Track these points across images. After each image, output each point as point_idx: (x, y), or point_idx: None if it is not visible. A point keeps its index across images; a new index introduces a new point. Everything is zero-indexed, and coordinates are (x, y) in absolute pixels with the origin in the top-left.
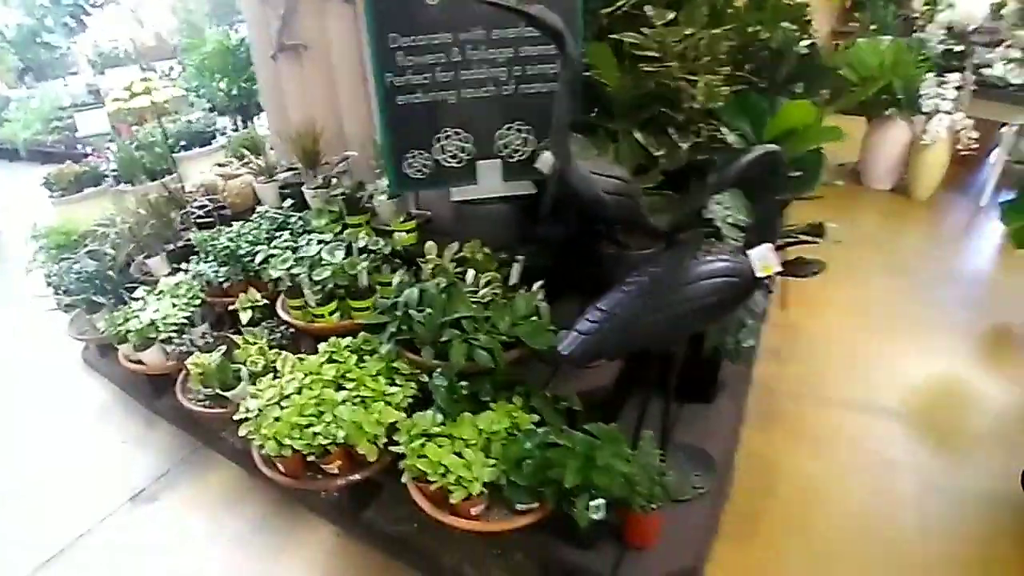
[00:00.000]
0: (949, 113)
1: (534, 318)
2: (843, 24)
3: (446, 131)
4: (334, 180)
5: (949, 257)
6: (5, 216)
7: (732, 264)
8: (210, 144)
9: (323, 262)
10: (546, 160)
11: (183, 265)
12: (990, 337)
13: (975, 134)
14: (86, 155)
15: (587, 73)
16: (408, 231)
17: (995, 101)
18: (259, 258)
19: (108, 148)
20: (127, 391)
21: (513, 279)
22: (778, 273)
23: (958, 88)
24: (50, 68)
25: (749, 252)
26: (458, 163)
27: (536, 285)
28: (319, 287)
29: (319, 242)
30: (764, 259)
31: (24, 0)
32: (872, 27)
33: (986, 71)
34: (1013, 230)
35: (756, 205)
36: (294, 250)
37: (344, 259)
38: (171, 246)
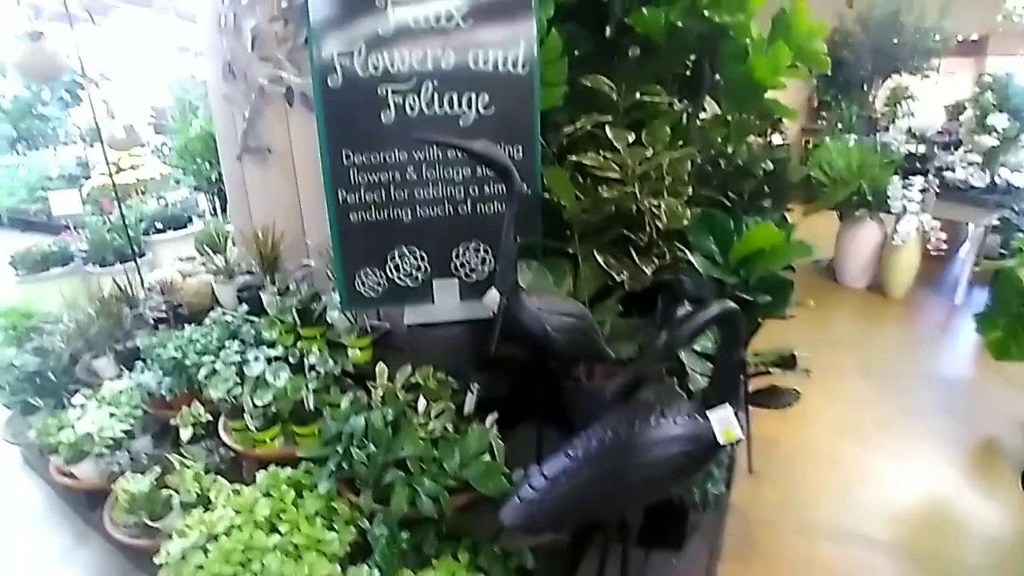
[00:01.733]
0: (916, 214)
1: (486, 457)
2: (812, 122)
3: (400, 249)
4: (291, 287)
5: (927, 359)
6: None
7: (690, 430)
8: (185, 227)
9: (266, 384)
10: (492, 297)
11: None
12: (977, 452)
13: (943, 234)
14: (66, 227)
15: (545, 195)
16: (362, 348)
17: (959, 203)
18: (203, 372)
19: (79, 228)
20: (63, 499)
21: (467, 409)
22: (742, 422)
23: (923, 190)
24: (43, 138)
25: (709, 414)
26: (413, 282)
27: (490, 419)
28: (260, 411)
29: (267, 359)
30: (725, 423)
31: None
32: (838, 126)
33: (948, 174)
34: (990, 341)
35: (716, 362)
36: (241, 364)
37: (288, 381)
38: (120, 346)
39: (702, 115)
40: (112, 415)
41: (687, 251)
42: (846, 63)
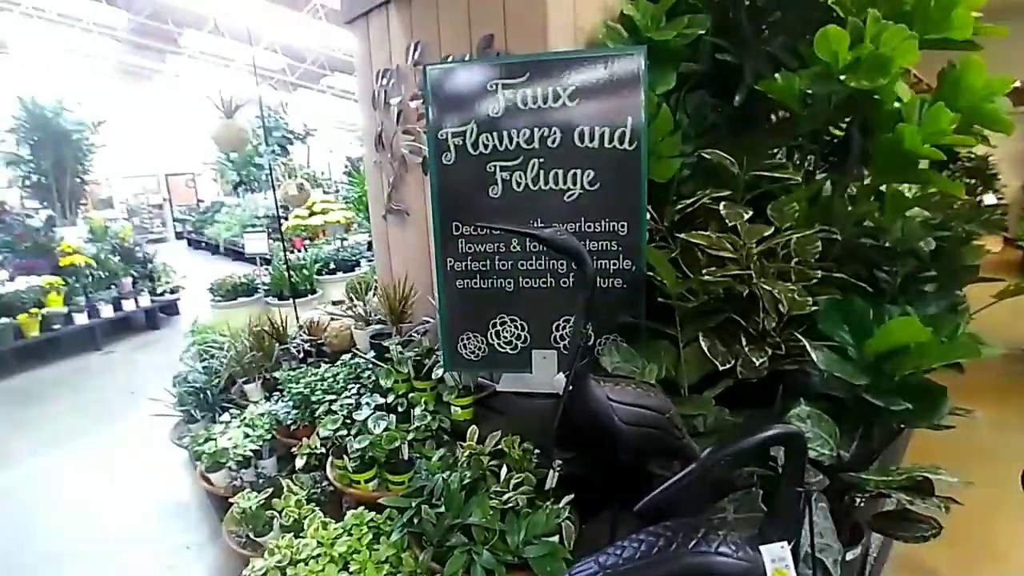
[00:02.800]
0: None
1: (553, 538)
2: None
3: (502, 317)
4: (413, 340)
5: None
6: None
7: (734, 564)
8: (353, 271)
9: (366, 429)
10: (558, 379)
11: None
12: None
13: None
14: (268, 260)
15: (649, 274)
16: (463, 406)
17: None
18: (321, 409)
19: (266, 266)
20: (209, 500)
21: (548, 484)
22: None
23: None
24: (257, 183)
25: (762, 548)
26: (513, 350)
27: (566, 499)
28: (358, 454)
29: (376, 407)
30: (779, 562)
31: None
32: None
33: None
34: None
35: (778, 491)
36: (353, 408)
37: (385, 430)
38: (268, 376)
39: (851, 189)
40: (247, 435)
41: (806, 344)
42: None
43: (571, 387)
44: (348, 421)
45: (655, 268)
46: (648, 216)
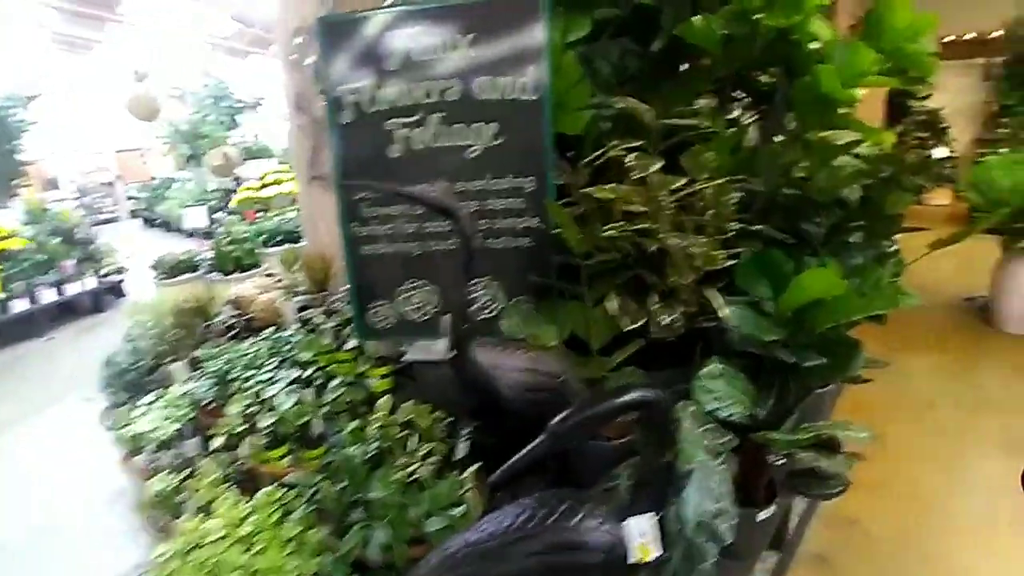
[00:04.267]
0: None
1: (457, 510)
2: (990, 131)
3: (412, 282)
4: (337, 310)
5: None
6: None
7: (601, 535)
8: (299, 242)
9: (274, 406)
10: (439, 347)
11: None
12: None
13: None
14: (209, 235)
15: (556, 231)
16: (382, 376)
17: None
18: (234, 387)
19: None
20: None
21: (458, 454)
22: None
23: None
24: (227, 146)
25: (626, 524)
26: (424, 316)
27: (469, 470)
28: (268, 430)
29: (291, 381)
30: (644, 536)
31: (194, 99)
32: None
33: None
34: None
35: (640, 461)
36: (270, 382)
37: (294, 406)
38: (195, 353)
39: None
40: (167, 417)
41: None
42: None
43: (454, 353)
44: (260, 398)
45: (558, 226)
46: (565, 171)
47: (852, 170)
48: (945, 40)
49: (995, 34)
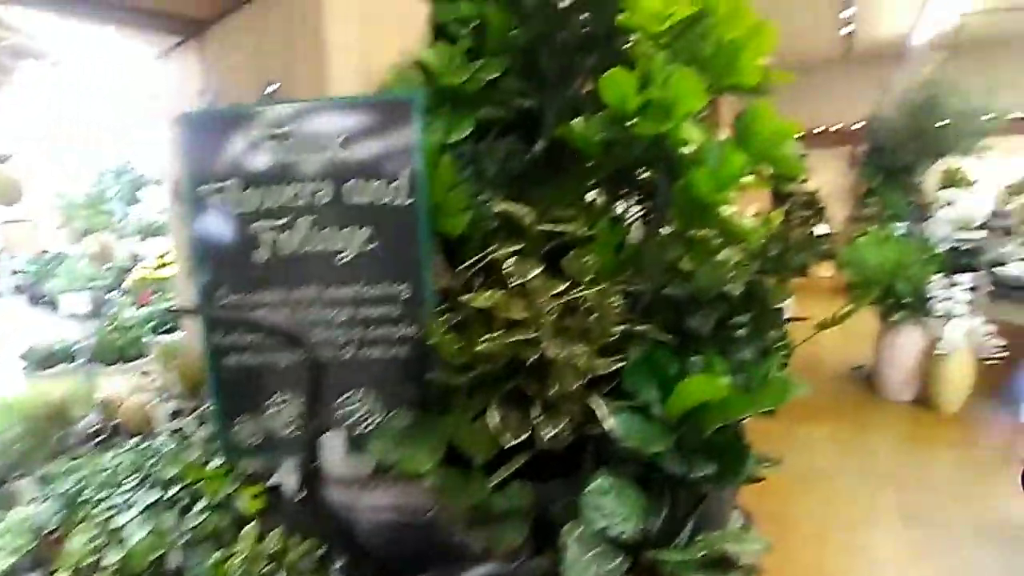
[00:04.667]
0: (965, 317)
1: None
2: (859, 210)
3: (279, 397)
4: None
5: (987, 498)
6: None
7: None
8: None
9: (122, 539)
10: (288, 476)
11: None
12: None
13: (1000, 340)
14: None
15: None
16: (255, 496)
17: (1018, 303)
18: (80, 515)
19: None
20: None
21: None
22: None
23: (972, 289)
24: (106, 231)
25: None
26: (293, 433)
27: None
28: (115, 568)
29: (149, 504)
30: None
31: (94, 171)
32: (888, 214)
33: (1001, 270)
34: None
35: None
36: (125, 507)
37: (147, 537)
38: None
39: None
40: (2, 548)
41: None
42: (886, 148)
43: (304, 492)
44: (110, 527)
45: (431, 336)
46: (446, 275)
47: (734, 264)
48: (816, 131)
49: (857, 125)
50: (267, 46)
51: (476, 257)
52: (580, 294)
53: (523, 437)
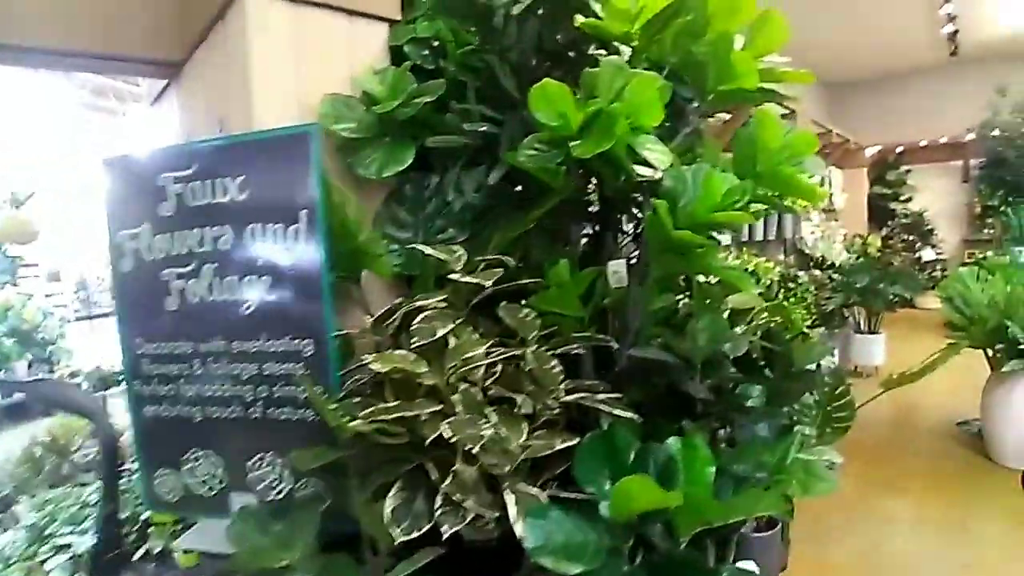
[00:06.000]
0: None
1: None
2: (975, 232)
3: (195, 451)
4: None
5: None
6: None
7: None
8: None
9: None
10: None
11: None
12: None
13: None
14: None
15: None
16: (187, 551)
17: None
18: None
19: None
20: None
21: None
22: None
23: None
24: None
25: None
26: (210, 491)
27: None
28: None
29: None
30: None
31: None
32: (1009, 236)
33: None
34: None
35: None
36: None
37: None
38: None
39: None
40: None
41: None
42: (1007, 160)
43: None
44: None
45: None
46: (366, 330)
47: (745, 313)
48: (922, 144)
49: (968, 137)
50: (213, 85)
51: (384, 310)
52: (502, 356)
53: (419, 531)
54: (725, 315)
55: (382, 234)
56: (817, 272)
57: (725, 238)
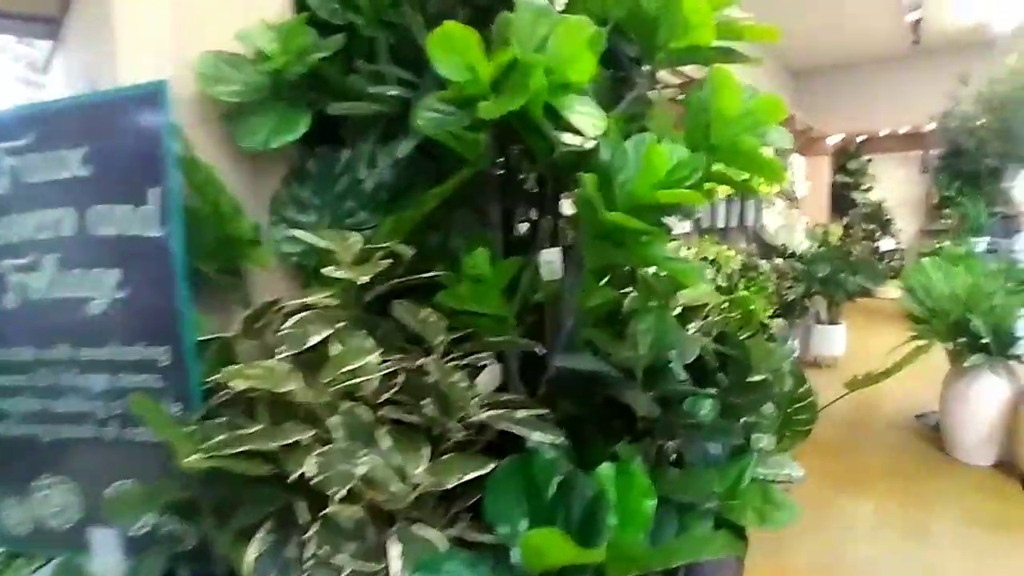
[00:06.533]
0: None
1: None
2: (932, 222)
3: (47, 478)
4: None
5: None
6: None
7: None
8: None
9: None
10: None
11: None
12: None
13: None
14: None
15: None
16: None
17: None
18: None
19: None
20: None
21: None
22: None
23: None
24: None
25: None
26: (66, 524)
27: None
28: None
29: None
30: None
31: None
32: (966, 227)
33: None
34: None
35: None
36: None
37: None
38: None
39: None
40: None
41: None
42: (965, 151)
43: None
44: None
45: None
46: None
47: (700, 312)
48: (883, 134)
49: (928, 127)
50: (86, 44)
51: (251, 310)
52: (391, 369)
53: None
54: (677, 312)
55: (281, 218)
56: (779, 261)
57: (685, 225)
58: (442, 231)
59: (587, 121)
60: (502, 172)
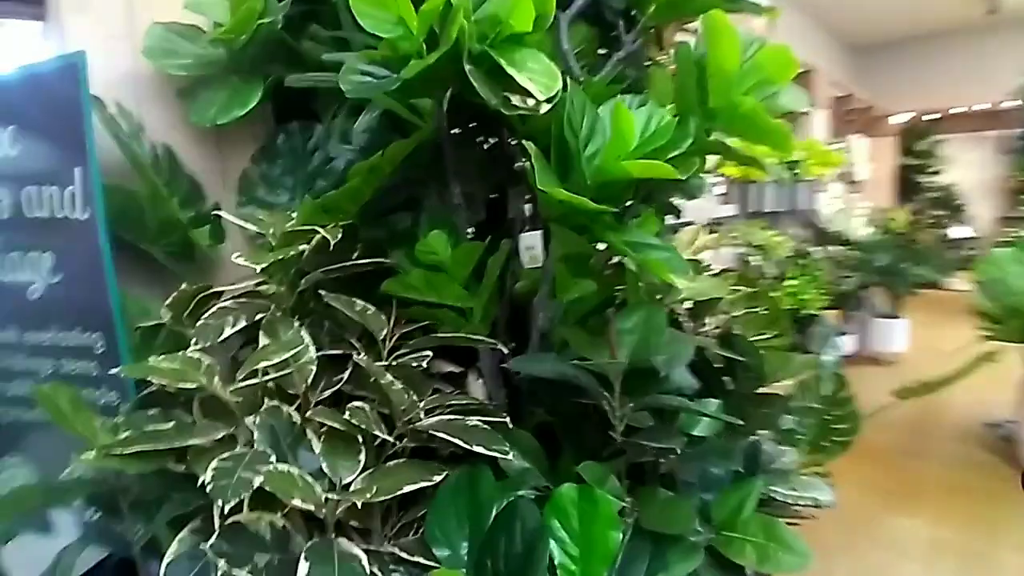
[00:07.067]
0: None
1: None
2: (1011, 208)
3: (7, 459)
4: None
5: None
6: None
7: None
8: None
9: None
10: None
11: None
12: None
13: None
14: None
15: None
16: None
17: None
18: None
19: None
20: None
21: None
22: None
23: None
24: None
25: None
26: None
27: None
28: None
29: None
30: None
31: None
32: None
33: None
34: None
35: None
36: None
37: None
38: None
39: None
40: None
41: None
42: None
43: None
44: None
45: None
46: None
47: (711, 309)
48: (955, 111)
49: (1006, 104)
50: (58, 23)
51: (173, 296)
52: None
53: None
54: (687, 308)
55: (251, 198)
56: (835, 248)
57: (729, 208)
58: (412, 213)
59: (535, 80)
60: (483, 144)
